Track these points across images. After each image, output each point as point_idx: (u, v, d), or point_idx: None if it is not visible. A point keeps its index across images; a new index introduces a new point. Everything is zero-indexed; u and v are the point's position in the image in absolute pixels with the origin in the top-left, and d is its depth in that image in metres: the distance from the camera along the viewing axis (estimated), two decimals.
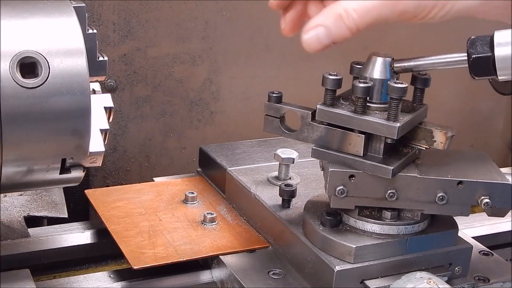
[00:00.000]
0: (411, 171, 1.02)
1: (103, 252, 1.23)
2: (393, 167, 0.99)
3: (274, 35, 1.54)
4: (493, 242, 1.30)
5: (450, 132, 1.01)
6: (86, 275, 1.14)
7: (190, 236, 1.15)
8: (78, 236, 1.23)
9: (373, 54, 1.02)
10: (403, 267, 1.03)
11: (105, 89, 1.42)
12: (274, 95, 1.06)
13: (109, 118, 0.99)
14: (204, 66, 1.52)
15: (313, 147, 1.03)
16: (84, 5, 0.94)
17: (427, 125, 1.03)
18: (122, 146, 1.51)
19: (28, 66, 0.88)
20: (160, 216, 1.20)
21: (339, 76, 1.00)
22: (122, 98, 1.47)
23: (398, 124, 0.97)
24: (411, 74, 1.04)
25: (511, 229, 1.33)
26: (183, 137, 1.55)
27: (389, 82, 0.98)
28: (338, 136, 1.01)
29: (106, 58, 0.99)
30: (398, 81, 0.98)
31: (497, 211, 1.04)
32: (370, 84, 0.98)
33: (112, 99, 0.99)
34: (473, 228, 1.31)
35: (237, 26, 1.52)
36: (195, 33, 1.49)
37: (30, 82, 0.87)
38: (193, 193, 1.26)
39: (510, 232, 1.33)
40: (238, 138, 1.43)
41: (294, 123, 1.06)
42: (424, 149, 1.04)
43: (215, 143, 1.37)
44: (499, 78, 0.95)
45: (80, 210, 1.42)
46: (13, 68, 0.86)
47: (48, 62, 0.88)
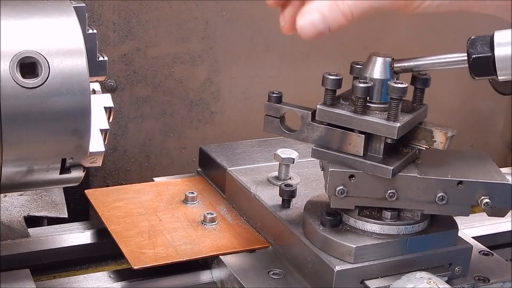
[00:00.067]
0: (411, 171, 1.02)
1: (103, 252, 1.23)
2: (393, 167, 0.99)
3: (274, 35, 1.54)
4: (493, 242, 1.30)
5: (450, 132, 1.01)
6: (86, 275, 1.14)
7: (190, 236, 1.15)
8: (78, 236, 1.23)
9: (373, 54, 1.02)
10: (403, 267, 1.03)
11: (105, 89, 1.42)
12: (274, 95, 1.06)
13: (109, 118, 0.99)
14: (204, 66, 1.52)
15: (313, 147, 1.03)
16: (84, 5, 0.94)
17: (427, 125, 1.03)
18: (122, 146, 1.51)
19: (28, 66, 0.88)
20: (160, 216, 1.20)
21: (339, 76, 1.00)
22: (122, 98, 1.47)
23: (398, 124, 0.97)
24: (411, 74, 1.04)
25: (511, 229, 1.33)
26: (183, 137, 1.55)
27: (389, 82, 0.98)
28: (338, 136, 1.01)
29: (106, 58, 0.99)
30: (398, 81, 0.98)
31: (497, 211, 1.04)
32: (370, 84, 0.98)
33: (112, 99, 0.99)
34: (473, 228, 1.31)
35: (237, 26, 1.52)
36: (195, 33, 1.49)
37: (30, 82, 0.87)
38: (193, 193, 1.26)
39: (510, 232, 1.33)
40: (238, 138, 1.43)
41: (294, 123, 1.05)
42: (424, 149, 1.04)
43: (215, 143, 1.37)
44: (499, 78, 0.95)
45: (80, 210, 1.42)
46: (13, 68, 0.86)
47: (48, 62, 0.88)
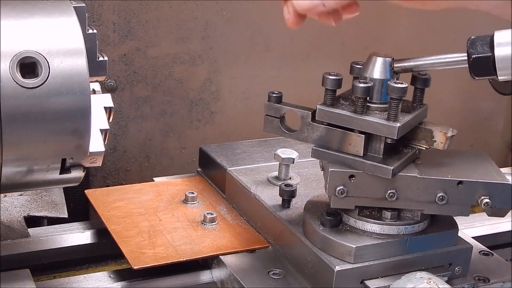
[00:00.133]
0: (411, 171, 1.02)
1: (103, 252, 1.23)
2: (393, 167, 0.99)
3: (274, 35, 1.54)
4: (493, 242, 1.30)
5: (450, 132, 1.01)
6: (86, 275, 1.14)
7: (190, 236, 1.15)
8: (78, 236, 1.23)
9: (373, 54, 1.02)
10: (403, 267, 1.03)
11: (105, 89, 1.42)
12: (274, 95, 1.06)
13: (109, 118, 0.99)
14: (204, 66, 1.52)
15: (313, 147, 1.03)
16: (84, 5, 0.94)
17: (427, 125, 1.03)
18: (122, 146, 1.51)
19: (28, 66, 0.88)
20: (160, 216, 1.20)
21: (339, 76, 1.00)
22: (122, 98, 1.47)
23: (398, 124, 0.97)
24: (411, 74, 1.04)
25: (511, 229, 1.33)
26: (183, 137, 1.55)
27: (389, 82, 0.98)
28: (338, 136, 1.01)
29: (106, 58, 0.99)
30: (398, 81, 0.98)
31: (497, 211, 1.04)
32: (370, 84, 0.98)
33: (112, 99, 0.99)
34: (473, 228, 1.31)
35: (237, 26, 1.52)
36: (195, 33, 1.49)
37: (30, 82, 0.87)
38: (193, 193, 1.26)
39: (510, 232, 1.33)
40: (238, 138, 1.43)
41: (294, 123, 1.05)
42: (424, 149, 1.04)
43: (215, 143, 1.37)
44: (499, 78, 0.95)
45: (80, 210, 1.42)
46: (13, 68, 0.86)
47: (48, 62, 0.88)
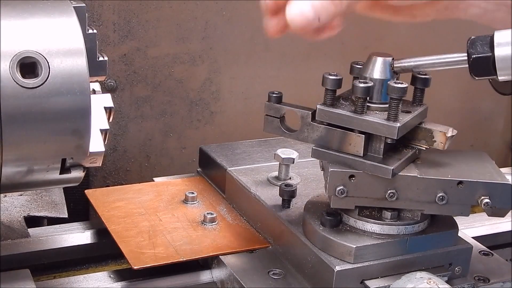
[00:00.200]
0: (411, 171, 1.02)
1: (103, 252, 1.23)
2: (393, 167, 0.99)
3: None
4: (493, 242, 1.30)
5: (450, 132, 1.01)
6: (86, 275, 1.14)
7: (190, 236, 1.15)
8: (78, 236, 1.23)
9: (373, 54, 1.02)
10: (403, 267, 1.03)
11: (105, 89, 1.42)
12: (274, 95, 1.06)
13: (109, 118, 0.99)
14: (204, 66, 1.52)
15: (313, 147, 1.03)
16: (84, 5, 0.94)
17: (427, 125, 1.03)
18: (122, 146, 1.51)
19: (28, 66, 0.88)
20: (160, 216, 1.20)
21: (339, 76, 1.00)
22: (122, 98, 1.47)
23: (398, 124, 0.97)
24: (411, 74, 1.04)
25: (511, 229, 1.33)
26: (183, 137, 1.55)
27: (389, 82, 0.98)
28: (338, 136, 1.01)
29: (106, 58, 0.99)
30: (398, 81, 0.98)
31: (497, 211, 1.04)
32: (370, 84, 0.98)
33: (112, 99, 0.99)
34: (473, 228, 1.31)
35: (237, 26, 1.52)
36: (195, 33, 1.49)
37: (30, 82, 0.87)
38: (193, 193, 1.26)
39: (510, 232, 1.33)
40: (238, 138, 1.43)
41: (294, 123, 1.05)
42: (424, 149, 1.04)
43: (215, 143, 1.37)
44: (499, 78, 0.95)
45: (80, 210, 1.42)
46: (13, 68, 0.86)
47: (48, 62, 0.88)
